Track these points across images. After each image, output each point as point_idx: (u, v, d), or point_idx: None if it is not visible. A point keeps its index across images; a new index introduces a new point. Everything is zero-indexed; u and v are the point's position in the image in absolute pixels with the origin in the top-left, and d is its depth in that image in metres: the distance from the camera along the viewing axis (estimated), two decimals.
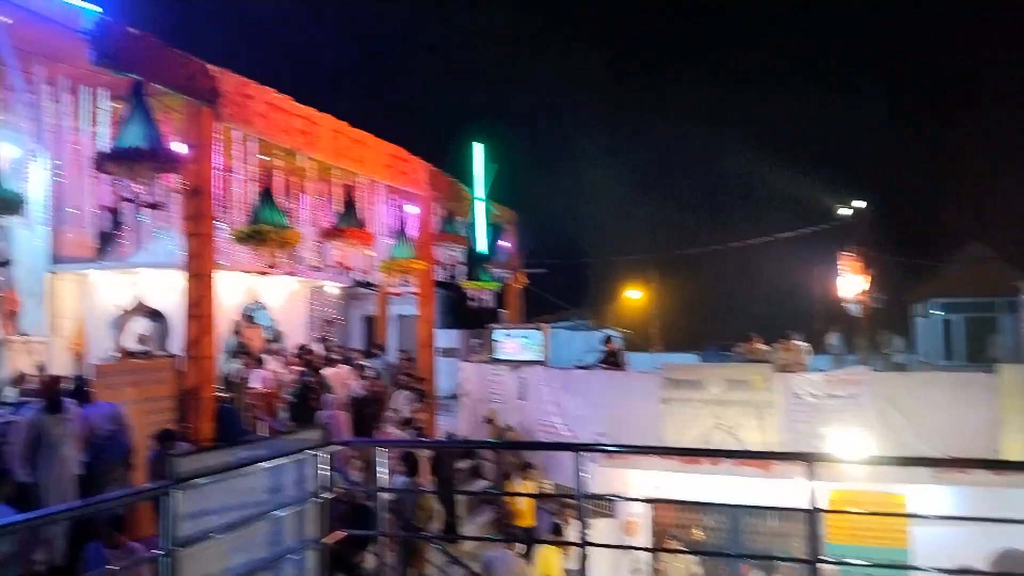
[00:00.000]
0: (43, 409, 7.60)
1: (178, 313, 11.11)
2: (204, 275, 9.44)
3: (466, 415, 16.02)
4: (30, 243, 13.61)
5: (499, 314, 19.44)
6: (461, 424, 16.07)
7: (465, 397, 16.24)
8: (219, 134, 9.71)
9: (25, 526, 5.41)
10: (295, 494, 5.99)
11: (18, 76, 7.96)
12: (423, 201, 14.84)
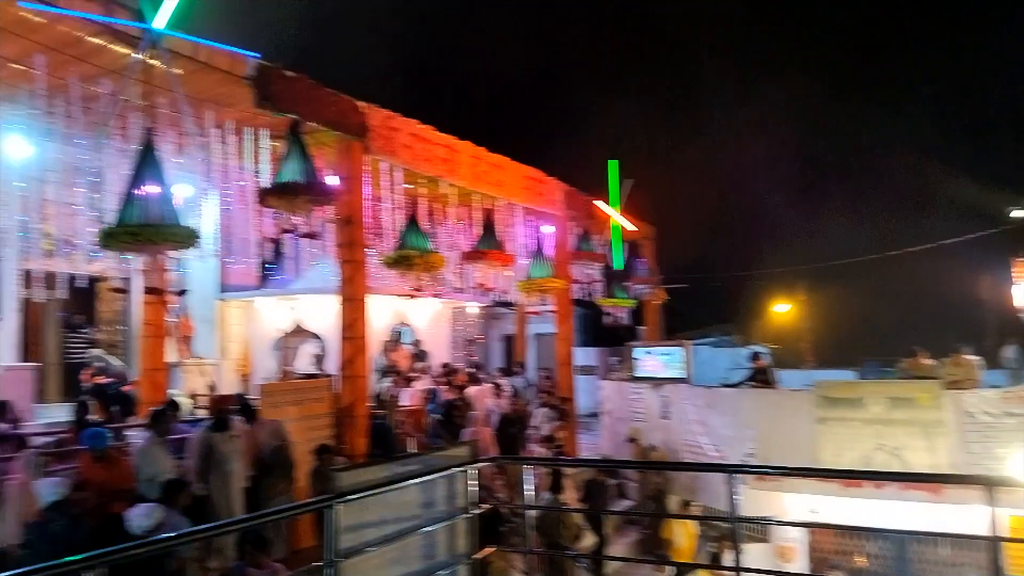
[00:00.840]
0: (212, 426, 8.18)
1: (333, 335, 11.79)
2: (357, 299, 9.96)
3: (607, 434, 15.88)
4: (202, 273, 14.85)
5: (637, 331, 19.19)
6: (602, 443, 15.94)
7: (606, 416, 16.11)
8: (368, 166, 10.26)
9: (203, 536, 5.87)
10: (446, 509, 6.17)
11: (191, 122, 8.73)
12: (559, 220, 14.96)
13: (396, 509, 5.67)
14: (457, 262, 13.68)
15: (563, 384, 15.11)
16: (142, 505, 5.76)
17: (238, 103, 8.94)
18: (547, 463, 10.04)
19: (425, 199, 12.49)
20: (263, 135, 9.94)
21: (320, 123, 9.28)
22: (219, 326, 16.34)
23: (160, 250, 7.89)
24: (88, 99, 8.35)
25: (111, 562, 3.42)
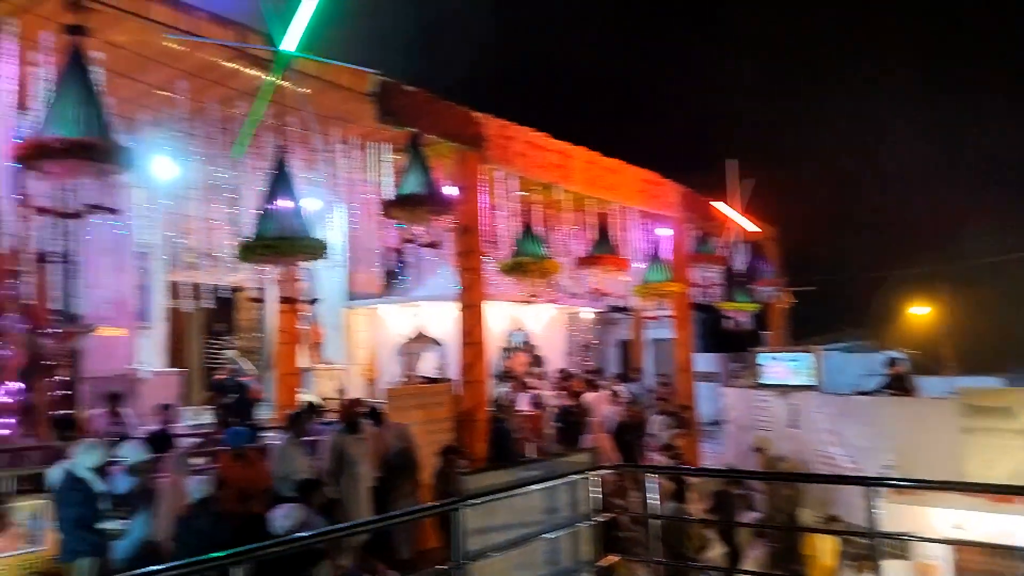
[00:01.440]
0: (343, 429, 8.50)
1: (453, 341, 12.04)
2: (475, 306, 10.13)
3: (731, 443, 15.37)
4: (330, 282, 15.52)
5: (761, 336, 18.52)
6: (726, 452, 15.46)
7: (729, 424, 15.61)
8: (484, 175, 10.43)
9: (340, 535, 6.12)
10: (569, 515, 6.16)
11: (318, 138, 9.17)
12: (676, 223, 14.67)
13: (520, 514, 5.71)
14: (572, 268, 13.67)
15: (683, 391, 14.78)
16: (284, 505, 6.05)
17: (362, 119, 9.30)
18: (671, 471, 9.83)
19: (540, 206, 12.56)
20: (385, 149, 10.30)
21: (438, 135, 9.52)
22: (346, 333, 17.03)
23: (293, 261, 8.31)
24: (225, 120, 8.91)
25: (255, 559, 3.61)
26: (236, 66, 7.85)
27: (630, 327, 19.64)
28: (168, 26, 6.90)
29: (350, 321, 17.11)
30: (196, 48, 7.37)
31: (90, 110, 5.95)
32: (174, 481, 6.69)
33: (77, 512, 5.81)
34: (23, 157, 5.84)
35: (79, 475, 5.92)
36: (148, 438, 8.43)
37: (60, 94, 6.02)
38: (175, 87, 8.10)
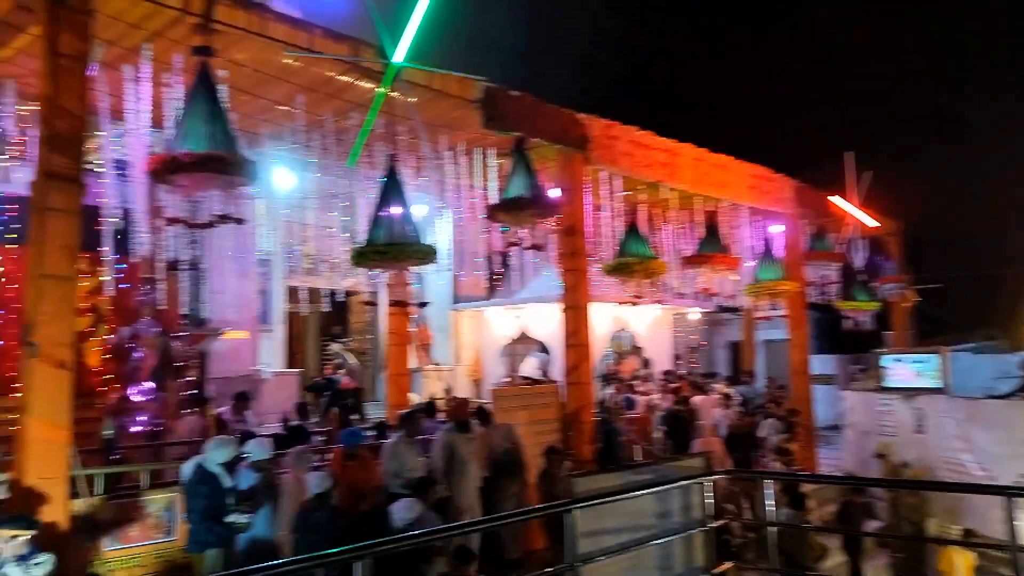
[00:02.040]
0: (453, 428, 8.65)
1: (557, 342, 12.04)
2: (580, 307, 10.10)
3: (851, 448, 14.69)
4: (438, 286, 15.87)
5: (883, 337, 17.59)
6: (845, 458, 14.79)
7: (849, 429, 14.92)
8: (588, 176, 10.40)
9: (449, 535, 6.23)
10: (682, 521, 6.05)
11: (426, 146, 9.38)
12: (790, 219, 14.15)
13: (630, 517, 5.67)
14: (679, 267, 13.42)
15: (798, 394, 14.22)
16: (404, 499, 6.23)
17: (468, 125, 9.46)
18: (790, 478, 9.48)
19: (645, 205, 12.39)
20: (490, 154, 10.43)
21: (543, 138, 9.56)
22: (453, 334, 17.38)
23: (404, 266, 8.53)
24: (339, 132, 9.26)
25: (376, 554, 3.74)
26: (350, 79, 8.16)
27: (740, 328, 19.07)
28: (287, 43, 7.24)
29: (457, 323, 17.45)
30: (312, 63, 7.70)
31: (217, 126, 6.32)
32: (295, 477, 6.99)
33: (206, 505, 6.14)
34: (156, 171, 6.25)
35: (210, 470, 6.26)
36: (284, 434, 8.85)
37: (189, 111, 6.42)
38: (293, 102, 8.48)
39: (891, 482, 12.49)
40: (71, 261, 5.75)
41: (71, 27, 5.84)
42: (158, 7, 6.46)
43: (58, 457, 5.57)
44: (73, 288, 5.86)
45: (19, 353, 5.83)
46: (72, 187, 5.75)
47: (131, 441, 9.16)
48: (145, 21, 6.75)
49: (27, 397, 5.54)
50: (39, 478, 5.43)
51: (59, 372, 5.59)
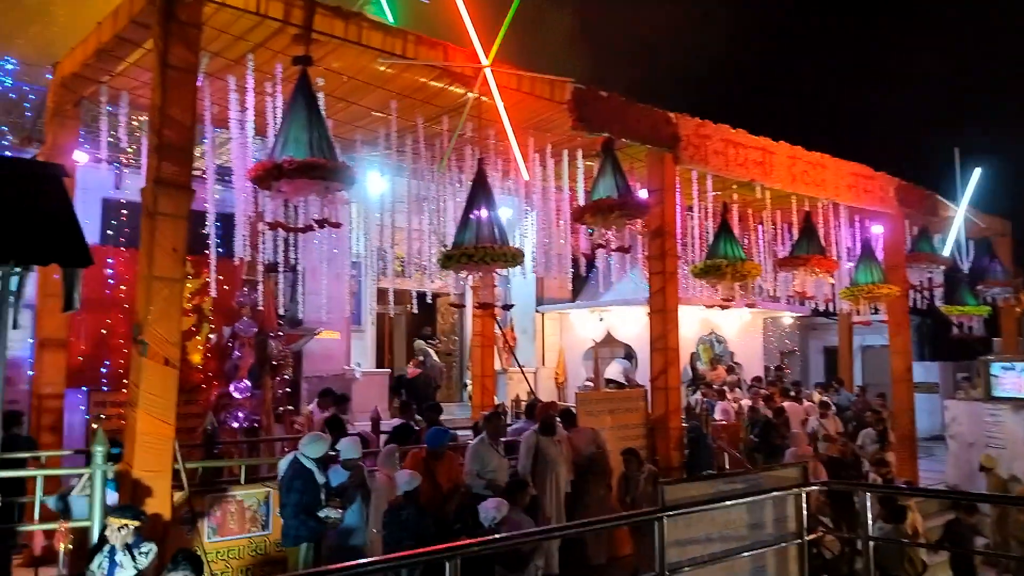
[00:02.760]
0: (539, 430, 8.64)
1: (643, 345, 11.89)
2: (668, 310, 9.94)
3: (954, 460, 13.93)
4: (523, 288, 15.93)
5: (993, 343, 16.60)
6: (948, 470, 14.03)
7: (952, 440, 14.15)
8: (678, 176, 10.23)
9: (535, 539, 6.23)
10: (775, 532, 5.86)
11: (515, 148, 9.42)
12: (891, 219, 13.53)
13: (722, 527, 5.53)
14: (772, 269, 13.03)
15: (899, 403, 13.58)
16: (492, 500, 6.27)
17: (556, 127, 9.48)
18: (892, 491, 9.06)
19: (737, 205, 12.10)
20: (577, 155, 10.40)
21: (632, 138, 9.47)
22: (537, 337, 17.41)
23: (490, 268, 8.61)
24: (430, 136, 9.42)
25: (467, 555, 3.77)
26: (441, 84, 8.28)
27: (837, 333, 18.37)
28: (381, 51, 7.41)
29: (541, 325, 17.48)
30: (405, 69, 7.86)
31: (316, 133, 6.53)
32: (385, 476, 7.14)
33: (300, 499, 6.32)
34: (259, 177, 6.51)
35: (304, 465, 6.45)
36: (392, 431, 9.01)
37: (290, 119, 6.65)
38: (386, 107, 8.68)
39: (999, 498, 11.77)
40: (179, 263, 6.04)
41: (181, 40, 6.15)
42: (261, 19, 6.73)
43: (164, 450, 5.87)
44: (180, 289, 6.16)
45: (130, 350, 6.16)
46: (181, 193, 6.05)
47: (230, 436, 9.55)
48: (249, 33, 7.05)
49: (136, 392, 5.85)
50: (145, 470, 5.73)
51: (166, 369, 5.89)
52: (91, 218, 10.41)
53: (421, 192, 10.03)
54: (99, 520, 5.19)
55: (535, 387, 15.63)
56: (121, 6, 6.93)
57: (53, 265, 5.05)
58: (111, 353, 9.91)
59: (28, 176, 5.33)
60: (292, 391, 11.44)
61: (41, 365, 8.39)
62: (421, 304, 12.33)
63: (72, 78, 8.09)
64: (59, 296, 5.52)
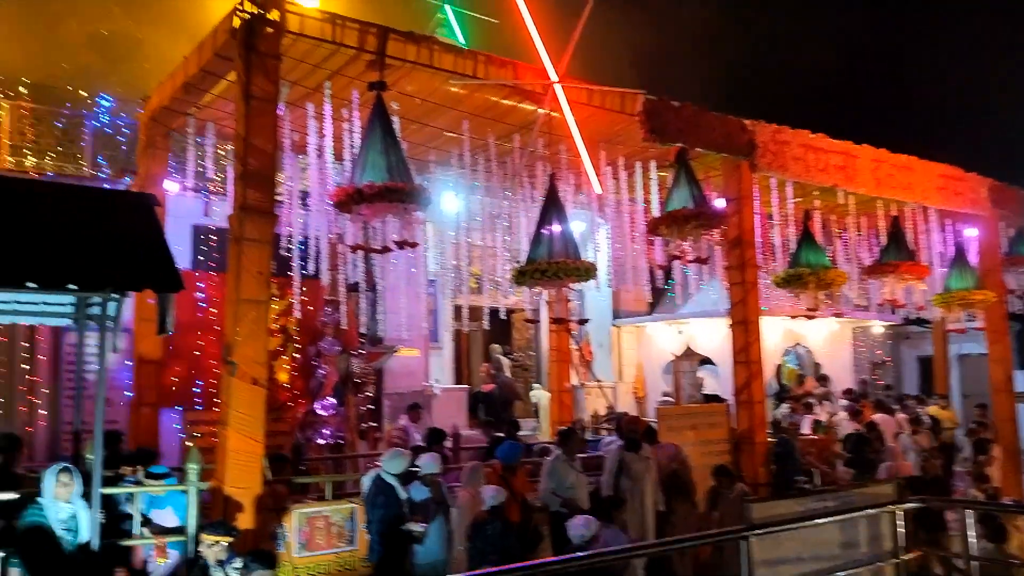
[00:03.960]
0: (625, 446, 8.53)
1: (724, 358, 11.62)
2: (749, 322, 9.70)
3: None
4: (597, 302, 15.81)
5: None
6: None
7: None
8: (756, 184, 10.00)
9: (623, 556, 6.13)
10: (869, 552, 5.62)
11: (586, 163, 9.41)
12: (985, 222, 12.87)
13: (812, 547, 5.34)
14: (859, 277, 12.56)
15: (1000, 414, 12.84)
16: (582, 517, 6.23)
17: (628, 140, 9.42)
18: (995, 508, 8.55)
19: (819, 211, 11.73)
20: (650, 167, 10.30)
21: (706, 147, 9.32)
22: (614, 350, 17.23)
23: (564, 283, 8.59)
24: (502, 154, 9.51)
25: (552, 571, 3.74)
26: (511, 102, 8.36)
27: (931, 341, 17.52)
28: (453, 72, 7.54)
29: (617, 339, 17.30)
30: (476, 89, 7.97)
31: (393, 156, 6.69)
32: (469, 492, 7.17)
33: (383, 515, 6.42)
34: (341, 202, 6.70)
35: (386, 481, 6.55)
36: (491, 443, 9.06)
37: (367, 143, 6.83)
38: (459, 128, 8.81)
39: None
40: (265, 286, 6.26)
41: (262, 71, 6.41)
42: (337, 47, 6.95)
43: (253, 467, 6.06)
44: (266, 311, 6.38)
45: (220, 371, 6.40)
46: (265, 219, 6.28)
47: (316, 453, 9.79)
48: (325, 61, 7.29)
49: (226, 411, 6.07)
50: (236, 487, 5.92)
51: (254, 388, 6.09)
52: (182, 244, 10.88)
53: (494, 209, 10.12)
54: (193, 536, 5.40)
55: (614, 402, 15.46)
56: (205, 40, 7.27)
57: (148, 291, 5.30)
58: (203, 374, 10.31)
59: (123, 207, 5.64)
60: (375, 408, 11.65)
61: (138, 386, 8.80)
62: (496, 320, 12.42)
63: (161, 111, 8.52)
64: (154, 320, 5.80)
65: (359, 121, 7.62)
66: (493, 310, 11.70)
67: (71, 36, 17.53)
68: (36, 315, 6.15)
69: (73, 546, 4.90)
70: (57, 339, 10.42)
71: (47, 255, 4.87)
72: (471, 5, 17.22)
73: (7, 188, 5.55)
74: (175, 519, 5.77)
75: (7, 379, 10.23)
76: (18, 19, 16.54)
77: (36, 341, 10.31)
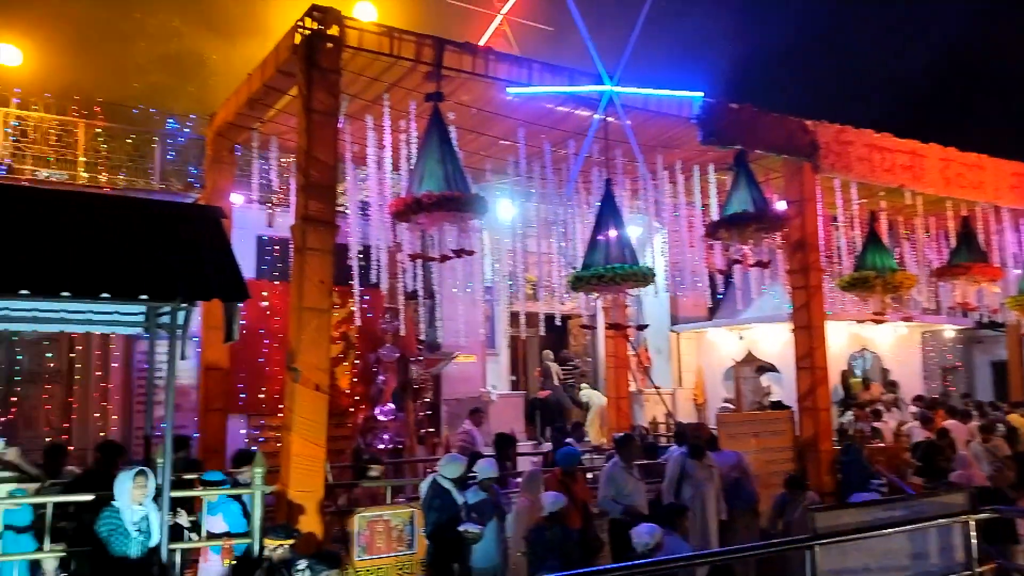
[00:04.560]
0: (688, 453, 8.41)
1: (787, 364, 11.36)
2: (813, 326, 9.49)
3: None
4: (655, 307, 15.65)
5: None
6: None
7: None
8: (818, 185, 9.80)
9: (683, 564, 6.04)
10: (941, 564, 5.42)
11: (642, 168, 9.36)
12: None
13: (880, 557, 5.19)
14: (928, 279, 12.16)
15: None
16: (645, 524, 6.18)
17: (685, 143, 9.33)
18: None
19: (885, 213, 11.41)
20: (708, 170, 10.18)
21: (766, 149, 9.18)
22: (673, 357, 17.02)
23: (621, 289, 8.53)
24: (557, 161, 9.52)
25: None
26: (567, 109, 8.38)
27: (1005, 346, 16.81)
28: (508, 81, 7.60)
29: (676, 345, 17.08)
30: (530, 97, 8.01)
31: (450, 166, 6.78)
32: (528, 498, 7.18)
33: (438, 518, 6.48)
34: (399, 212, 6.82)
35: (443, 485, 6.61)
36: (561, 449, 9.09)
37: (425, 154, 6.93)
38: (514, 135, 8.87)
39: None
40: (327, 295, 6.40)
41: (323, 86, 6.57)
42: (395, 59, 7.08)
43: (316, 471, 6.19)
44: (328, 319, 6.53)
45: (284, 377, 6.56)
46: (326, 229, 6.43)
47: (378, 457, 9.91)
48: (383, 74, 7.43)
49: (290, 416, 6.22)
50: (299, 490, 6.07)
51: (316, 394, 6.23)
52: (247, 255, 11.20)
53: (549, 216, 10.13)
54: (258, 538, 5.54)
55: (673, 408, 15.27)
56: (268, 57, 7.50)
57: (215, 300, 5.48)
58: (268, 380, 10.58)
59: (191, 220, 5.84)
60: (432, 413, 11.77)
61: (206, 392, 9.08)
62: (552, 326, 12.40)
63: (227, 127, 8.80)
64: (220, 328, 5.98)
65: (416, 132, 7.73)
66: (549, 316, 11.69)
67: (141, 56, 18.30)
68: (109, 324, 6.40)
69: (145, 548, 5.09)
70: (129, 347, 10.86)
71: (120, 267, 5.08)
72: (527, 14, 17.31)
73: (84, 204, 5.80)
74: (224, 525, 5.91)
75: (82, 385, 10.71)
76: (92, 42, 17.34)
77: (109, 349, 10.77)
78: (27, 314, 5.89)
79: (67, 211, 5.38)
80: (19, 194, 5.88)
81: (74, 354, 10.73)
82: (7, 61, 15.44)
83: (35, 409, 10.32)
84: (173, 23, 18.66)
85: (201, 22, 18.51)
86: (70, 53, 16.29)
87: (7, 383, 10.29)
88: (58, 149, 11.59)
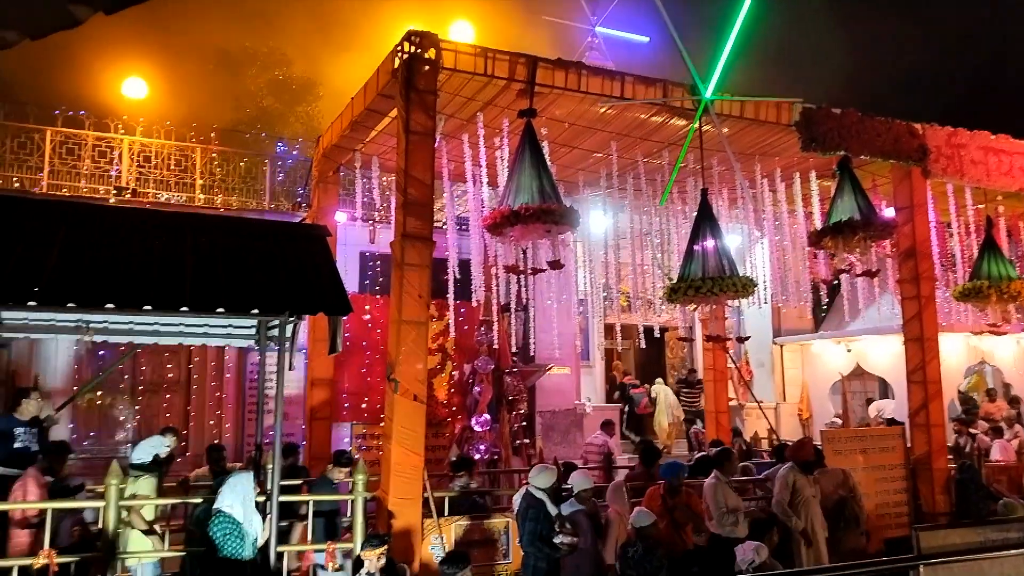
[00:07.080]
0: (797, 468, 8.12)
1: (898, 378, 10.85)
2: (926, 338, 9.05)
3: None
4: (757, 319, 15.24)
5: None
6: None
7: None
8: (929, 190, 9.36)
9: None
10: None
11: (740, 176, 9.17)
12: None
13: None
14: None
15: None
16: (750, 542, 6.04)
17: (784, 151, 9.10)
18: None
19: (1003, 218, 10.75)
20: (810, 177, 9.88)
21: (871, 154, 8.82)
22: (776, 370, 16.51)
23: (719, 300, 8.37)
24: (651, 171, 9.47)
25: None
26: (660, 119, 8.33)
27: None
28: (601, 95, 7.63)
29: (779, 357, 16.56)
30: (624, 109, 8.01)
31: (544, 180, 6.87)
32: (618, 512, 7.14)
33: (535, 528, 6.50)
34: (494, 224, 6.94)
35: (536, 496, 6.65)
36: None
37: (519, 168, 7.04)
38: (607, 148, 8.89)
39: None
40: (424, 308, 6.60)
41: (420, 107, 6.80)
42: (489, 79, 7.24)
43: (414, 480, 6.37)
44: (426, 331, 6.71)
45: (385, 388, 6.79)
46: (424, 244, 6.63)
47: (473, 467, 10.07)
48: (478, 93, 7.60)
49: (390, 426, 6.43)
50: (399, 497, 6.25)
51: (415, 405, 6.42)
52: (350, 270, 11.66)
53: (644, 227, 10.07)
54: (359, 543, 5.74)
55: (776, 424, 14.80)
56: (369, 82, 7.81)
57: (320, 314, 5.75)
58: (370, 390, 10.94)
59: (299, 238, 6.17)
60: (527, 424, 11.85)
61: (312, 402, 9.48)
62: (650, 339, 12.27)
63: (332, 148, 9.21)
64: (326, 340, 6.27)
65: (510, 148, 7.87)
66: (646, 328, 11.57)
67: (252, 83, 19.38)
68: (223, 337, 6.79)
69: (255, 550, 5.36)
70: (241, 359, 11.48)
71: (233, 284, 5.42)
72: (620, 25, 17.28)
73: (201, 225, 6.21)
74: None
75: (199, 395, 11.41)
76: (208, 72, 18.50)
77: (223, 361, 11.44)
78: (149, 328, 6.35)
79: (185, 232, 5.77)
80: (142, 217, 6.33)
81: (191, 365, 11.46)
82: (134, 94, 16.69)
83: (156, 416, 11.08)
84: (283, 51, 19.68)
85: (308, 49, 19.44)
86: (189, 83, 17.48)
87: (132, 392, 11.09)
88: (177, 173, 12.44)
